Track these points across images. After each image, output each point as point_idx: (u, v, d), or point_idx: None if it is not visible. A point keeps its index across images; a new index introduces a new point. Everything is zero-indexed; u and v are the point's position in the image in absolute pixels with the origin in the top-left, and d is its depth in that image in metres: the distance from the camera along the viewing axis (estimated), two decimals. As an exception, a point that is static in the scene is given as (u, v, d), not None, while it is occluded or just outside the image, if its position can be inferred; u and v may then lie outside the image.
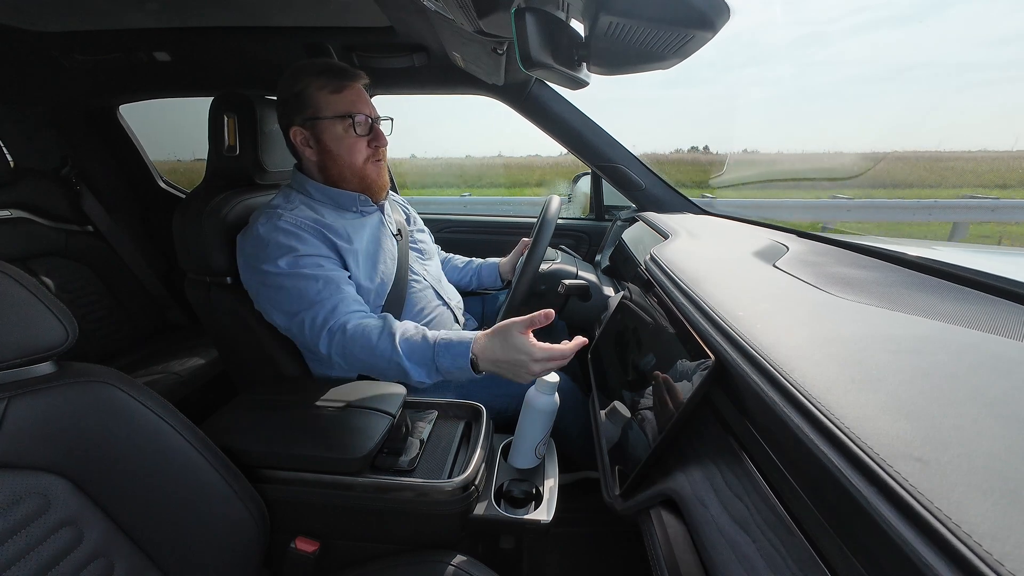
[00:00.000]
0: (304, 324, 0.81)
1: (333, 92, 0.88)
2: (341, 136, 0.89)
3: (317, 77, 0.87)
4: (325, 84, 0.87)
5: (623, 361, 0.70)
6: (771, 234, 0.95)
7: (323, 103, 0.88)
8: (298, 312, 0.81)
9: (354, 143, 0.90)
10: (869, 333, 0.42)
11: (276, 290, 0.82)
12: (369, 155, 0.92)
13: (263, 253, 0.82)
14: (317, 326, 0.80)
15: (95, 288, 1.49)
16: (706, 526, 0.39)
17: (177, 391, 1.30)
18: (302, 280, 0.81)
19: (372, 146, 0.92)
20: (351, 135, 0.89)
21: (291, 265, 0.81)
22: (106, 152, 1.65)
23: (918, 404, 0.31)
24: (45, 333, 0.48)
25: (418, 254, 1.09)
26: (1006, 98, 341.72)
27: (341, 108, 0.88)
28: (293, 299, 0.81)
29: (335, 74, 0.88)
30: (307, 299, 0.81)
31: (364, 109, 0.90)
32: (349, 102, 0.88)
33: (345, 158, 0.90)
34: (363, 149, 0.91)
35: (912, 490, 0.24)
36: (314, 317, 0.80)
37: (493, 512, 0.72)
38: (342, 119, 0.88)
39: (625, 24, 0.52)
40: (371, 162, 0.93)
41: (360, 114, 0.89)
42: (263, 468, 0.70)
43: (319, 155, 0.92)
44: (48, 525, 0.47)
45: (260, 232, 0.83)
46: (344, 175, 0.92)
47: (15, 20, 1.06)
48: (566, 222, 1.68)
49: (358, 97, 0.90)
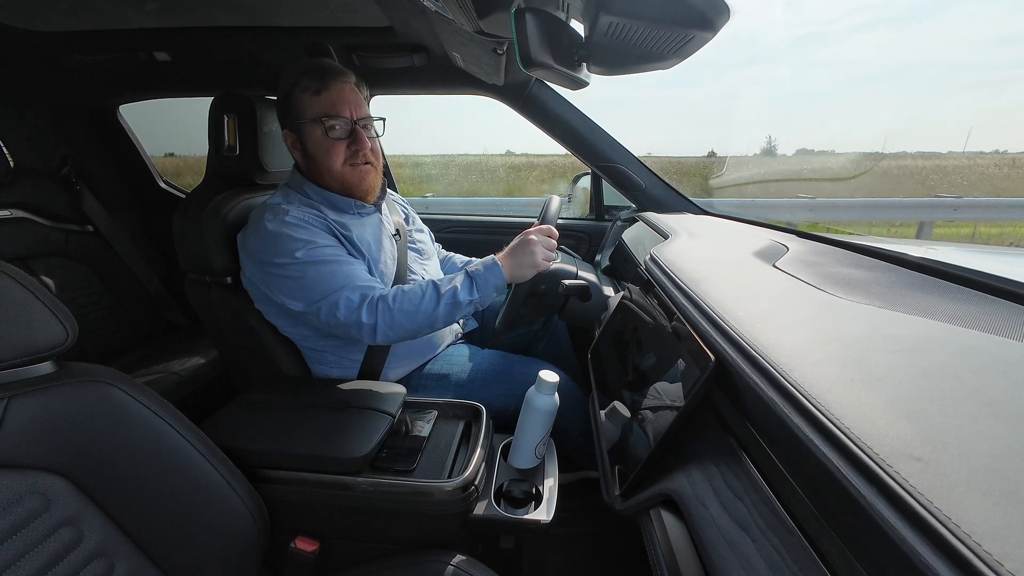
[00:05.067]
0: (338, 304, 0.81)
1: (313, 94, 0.86)
2: (320, 139, 0.87)
3: (301, 78, 0.87)
4: (307, 86, 0.86)
5: (623, 361, 0.70)
6: (771, 234, 0.95)
7: (304, 106, 0.87)
8: (327, 295, 0.81)
9: (331, 146, 0.88)
10: (869, 333, 0.42)
11: (296, 280, 0.82)
12: (347, 158, 0.89)
13: (273, 248, 0.82)
14: (355, 303, 0.81)
15: (95, 288, 1.49)
16: (706, 526, 0.39)
17: (177, 391, 1.30)
18: (326, 265, 0.82)
19: (351, 149, 0.89)
20: (327, 138, 0.87)
21: (309, 255, 0.82)
22: (106, 152, 1.65)
23: (918, 404, 0.31)
24: (45, 333, 0.48)
25: (417, 254, 1.09)
26: (1005, 98, 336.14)
27: (319, 111, 0.86)
28: (319, 284, 0.81)
29: (316, 75, 0.86)
30: (336, 281, 0.82)
31: (344, 111, 0.87)
32: (328, 104, 0.86)
33: (323, 162, 0.89)
34: (341, 152, 0.89)
35: (912, 490, 0.24)
36: (349, 296, 0.81)
37: (493, 512, 0.72)
38: (319, 122, 0.86)
39: (625, 24, 0.52)
40: (349, 165, 0.90)
41: (337, 116, 0.86)
42: (263, 468, 0.70)
43: (304, 158, 0.91)
44: (48, 525, 0.47)
45: (269, 228, 0.83)
46: (324, 179, 0.91)
47: (15, 20, 1.05)
48: (566, 222, 1.68)
49: (339, 98, 0.87)
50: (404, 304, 0.81)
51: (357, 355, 0.96)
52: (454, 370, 1.00)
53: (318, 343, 0.94)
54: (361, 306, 0.81)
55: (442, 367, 1.01)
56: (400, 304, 0.81)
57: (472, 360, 1.02)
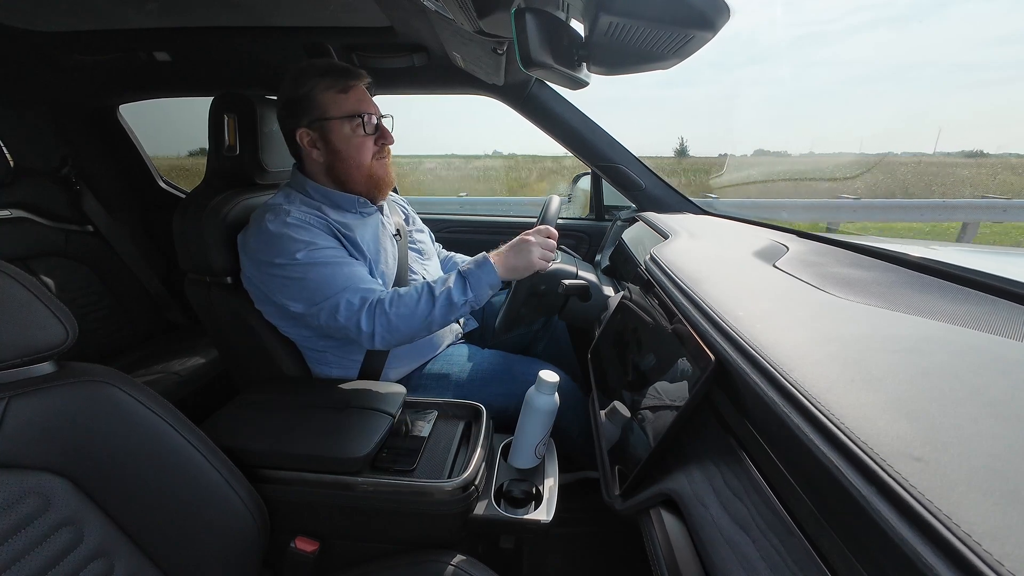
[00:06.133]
0: (338, 307, 0.81)
1: (340, 92, 0.89)
2: (349, 136, 0.90)
3: (323, 78, 0.88)
4: (332, 84, 0.88)
5: (623, 361, 0.70)
6: (771, 234, 0.95)
7: (330, 104, 0.88)
8: (328, 297, 0.81)
9: (362, 142, 0.91)
10: (869, 333, 0.42)
11: (296, 281, 0.82)
12: (375, 152, 0.93)
13: (274, 248, 0.82)
14: (355, 307, 0.81)
15: (95, 288, 1.49)
16: (706, 526, 0.39)
17: (177, 391, 1.30)
18: (327, 268, 0.83)
19: (379, 144, 0.94)
20: (359, 134, 0.90)
21: (310, 257, 0.82)
22: (106, 152, 1.65)
23: (918, 404, 0.31)
24: (45, 333, 0.48)
25: (417, 254, 1.09)
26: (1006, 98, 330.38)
27: (349, 108, 0.89)
28: (320, 286, 0.82)
29: (340, 74, 0.89)
30: (337, 284, 0.82)
31: (370, 108, 0.92)
32: (356, 101, 0.90)
33: (354, 157, 0.91)
34: (370, 147, 0.92)
35: (912, 490, 0.24)
36: (349, 300, 0.81)
37: (493, 512, 0.72)
38: (350, 119, 0.89)
39: (625, 24, 0.52)
40: (377, 159, 0.94)
41: (368, 113, 0.90)
42: (263, 468, 0.70)
43: (327, 156, 0.92)
44: (48, 525, 0.47)
45: (271, 229, 0.83)
46: (352, 175, 0.93)
47: (15, 20, 1.05)
48: (566, 222, 1.68)
49: (364, 96, 0.91)
50: (401, 308, 0.82)
51: (357, 355, 0.96)
52: (454, 370, 1.00)
53: (318, 343, 0.94)
54: (361, 309, 0.81)
55: (442, 367, 1.01)
56: (396, 309, 0.81)
57: (472, 360, 1.02)
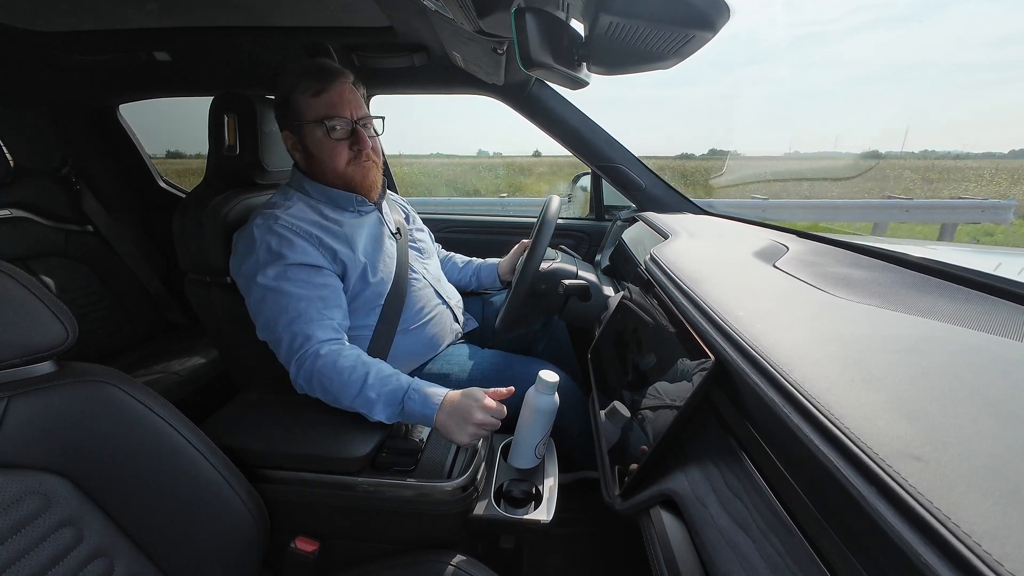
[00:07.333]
0: (281, 344, 0.80)
1: (313, 96, 0.86)
2: (321, 140, 0.88)
3: (300, 80, 0.87)
4: (307, 87, 0.86)
5: (623, 361, 0.70)
6: (771, 234, 0.95)
7: (304, 107, 0.87)
8: (275, 330, 0.80)
9: (334, 147, 0.89)
10: (869, 333, 0.42)
11: (258, 301, 0.82)
12: (350, 158, 0.90)
13: (251, 256, 0.82)
14: (295, 349, 0.79)
15: (95, 288, 1.49)
16: (706, 526, 0.39)
17: (177, 391, 1.30)
18: (283, 297, 0.80)
19: (354, 149, 0.90)
20: (330, 139, 0.88)
21: (277, 277, 0.80)
22: (106, 152, 1.65)
23: (918, 404, 0.31)
24: (45, 333, 0.48)
25: (417, 253, 1.09)
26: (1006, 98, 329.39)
27: (319, 112, 0.86)
28: (273, 314, 0.80)
29: (315, 76, 0.87)
30: (285, 318, 0.79)
31: (344, 111, 0.88)
32: (328, 105, 0.86)
33: (327, 162, 0.90)
34: (343, 152, 0.90)
35: (912, 490, 0.24)
36: (291, 340, 0.79)
37: (493, 512, 0.72)
38: (320, 124, 0.87)
39: (625, 24, 0.52)
40: (353, 164, 0.91)
41: (338, 117, 0.87)
42: (263, 468, 0.70)
43: (305, 159, 0.92)
44: (48, 525, 0.47)
45: (254, 232, 0.83)
46: (328, 179, 0.92)
47: (15, 20, 1.05)
48: (566, 222, 1.68)
49: (339, 99, 0.87)
50: (327, 370, 0.76)
51: (357, 355, 0.95)
52: (454, 370, 1.00)
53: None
54: (294, 354, 0.78)
55: (442, 367, 1.01)
56: (322, 368, 0.76)
57: (472, 360, 1.02)
